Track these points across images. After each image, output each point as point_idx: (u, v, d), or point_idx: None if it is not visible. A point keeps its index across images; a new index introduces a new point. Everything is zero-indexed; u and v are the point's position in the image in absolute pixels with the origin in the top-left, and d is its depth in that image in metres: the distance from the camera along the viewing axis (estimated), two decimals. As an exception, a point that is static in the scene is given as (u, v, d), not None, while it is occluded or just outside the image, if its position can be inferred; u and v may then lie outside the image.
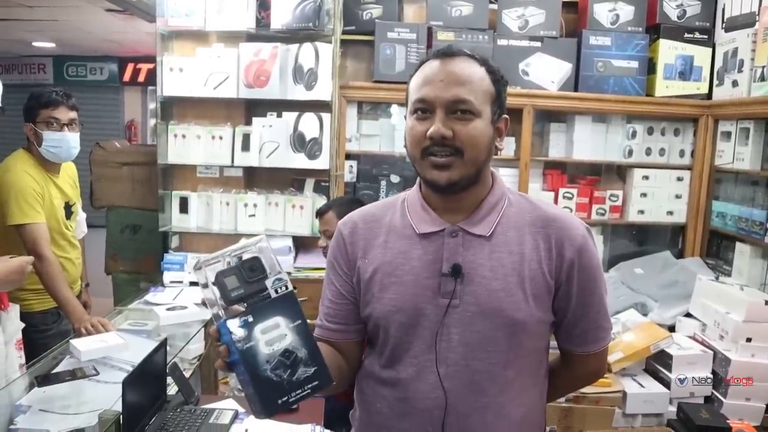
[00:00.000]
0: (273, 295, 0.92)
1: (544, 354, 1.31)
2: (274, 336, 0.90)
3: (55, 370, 2.04)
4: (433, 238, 1.23)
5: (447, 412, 1.19)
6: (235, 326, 0.88)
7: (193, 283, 3.06)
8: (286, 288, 0.94)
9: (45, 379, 1.90)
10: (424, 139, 1.17)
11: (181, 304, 2.70)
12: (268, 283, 0.92)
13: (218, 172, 3.37)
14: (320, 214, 2.48)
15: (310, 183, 3.32)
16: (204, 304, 1.00)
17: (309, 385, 0.91)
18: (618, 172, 3.67)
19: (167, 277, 3.09)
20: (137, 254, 3.89)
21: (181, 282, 3.07)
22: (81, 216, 2.78)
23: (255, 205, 3.24)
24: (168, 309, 2.63)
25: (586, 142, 3.49)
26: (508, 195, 1.27)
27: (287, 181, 3.42)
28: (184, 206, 3.29)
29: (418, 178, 1.27)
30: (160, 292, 2.96)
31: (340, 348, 1.29)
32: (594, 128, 3.49)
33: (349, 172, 3.43)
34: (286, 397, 0.89)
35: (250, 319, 0.89)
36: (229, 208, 3.27)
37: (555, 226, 1.23)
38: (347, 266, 1.28)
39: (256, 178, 3.46)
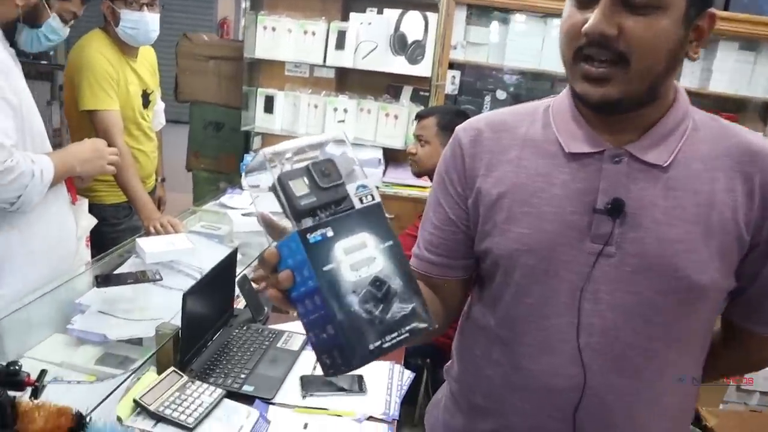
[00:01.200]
0: (357, 205, 0.66)
1: (710, 331, 0.97)
2: (360, 258, 0.64)
3: (118, 271, 1.88)
4: (586, 162, 0.89)
5: (584, 395, 0.89)
6: (308, 242, 0.62)
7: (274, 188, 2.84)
8: (372, 197, 0.67)
9: (105, 279, 1.73)
10: (579, 36, 0.82)
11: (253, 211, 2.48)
12: (350, 189, 0.66)
13: (308, 71, 3.08)
14: (420, 117, 2.27)
15: (407, 91, 2.98)
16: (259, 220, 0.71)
17: (406, 327, 0.65)
18: (762, 112, 3.10)
19: (246, 180, 2.87)
20: (219, 152, 3.73)
21: (258, 186, 2.85)
22: (159, 106, 2.57)
23: (345, 111, 2.95)
24: (243, 214, 2.42)
25: (727, 73, 2.96)
26: (692, 115, 0.91)
27: (382, 86, 3.08)
28: (269, 105, 3.04)
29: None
30: (237, 194, 2.76)
31: (439, 287, 1.01)
32: (740, 57, 2.94)
33: (452, 83, 3.05)
34: (379, 341, 0.63)
35: (330, 234, 0.63)
36: (317, 111, 2.99)
37: (761, 161, 0.86)
38: (462, 185, 0.97)
39: (349, 81, 3.14)
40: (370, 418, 1.44)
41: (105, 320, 1.64)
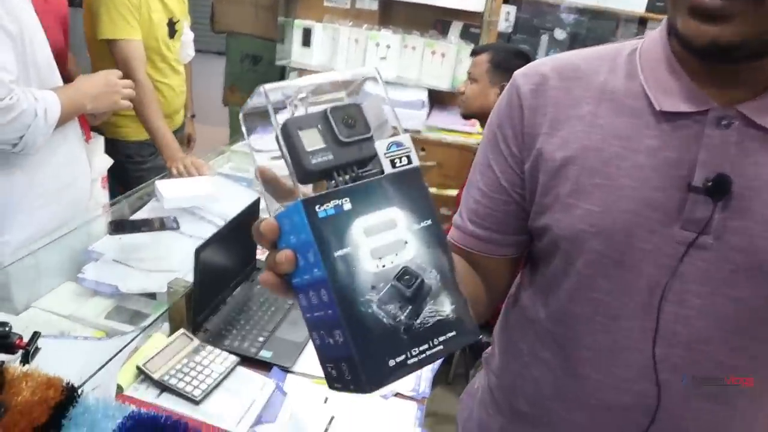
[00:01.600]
0: (388, 169, 0.48)
1: None
2: (386, 242, 0.46)
3: (135, 216, 1.75)
4: (682, 124, 0.70)
5: (656, 420, 0.72)
6: (317, 217, 0.45)
7: (309, 130, 2.67)
8: (408, 160, 0.49)
9: (118, 225, 1.61)
10: None
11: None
12: (380, 147, 0.48)
13: (349, 2, 2.85)
14: (474, 53, 2.11)
15: (456, 27, 2.72)
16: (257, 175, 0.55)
17: (441, 338, 0.47)
18: None
19: (279, 118, 2.70)
20: (255, 87, 3.56)
21: (258, 133, 2.67)
22: (188, 36, 2.39)
23: (388, 46, 2.72)
24: (272, 158, 2.25)
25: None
26: None
27: (429, 21, 2.82)
28: (306, 38, 2.83)
29: (665, 19, 0.71)
30: (269, 134, 2.59)
31: (482, 265, 0.83)
32: None
33: (506, 19, 2.77)
34: (403, 356, 0.45)
35: (347, 206, 0.46)
36: (358, 47, 2.77)
37: None
38: (519, 144, 0.78)
39: (393, 14, 2.89)
40: (397, 394, 1.31)
41: (119, 270, 1.53)
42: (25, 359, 1.08)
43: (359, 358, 0.44)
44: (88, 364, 1.18)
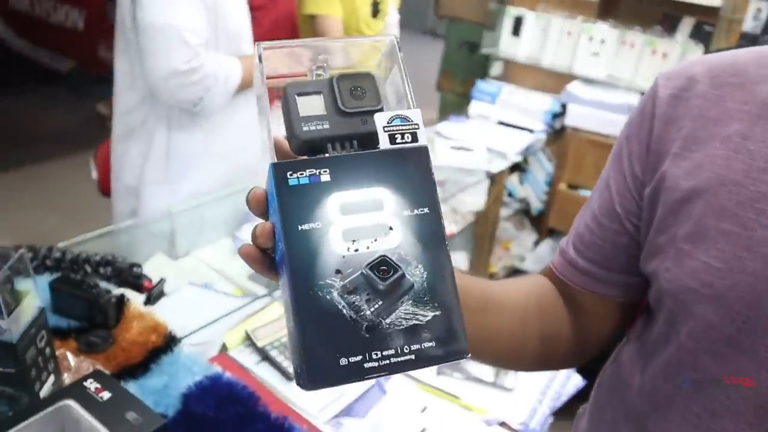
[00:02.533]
0: (384, 144, 0.42)
1: None
2: (365, 224, 0.40)
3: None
4: None
5: None
6: (286, 184, 0.40)
7: (503, 123, 2.55)
8: (413, 138, 0.42)
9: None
10: None
11: (468, 145, 2.22)
12: (379, 119, 0.42)
13: (569, -10, 2.62)
14: None
15: (687, 24, 2.37)
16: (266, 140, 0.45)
17: (413, 346, 0.40)
18: None
19: (473, 108, 2.62)
20: (469, 75, 3.50)
21: (487, 118, 2.57)
22: (393, 18, 2.40)
23: (602, 41, 2.46)
24: (453, 147, 2.19)
25: None
26: None
27: (656, 16, 2.50)
28: (516, 27, 2.69)
29: None
30: (460, 123, 2.52)
31: (579, 301, 0.69)
32: None
33: (754, 18, 2.34)
34: (359, 357, 0.39)
35: (325, 177, 0.41)
36: (569, 39, 2.55)
37: None
38: (642, 163, 0.62)
39: (615, 6, 2.61)
40: (503, 424, 1.17)
41: (271, 234, 1.59)
42: (148, 300, 1.16)
43: (303, 349, 0.38)
44: (210, 317, 1.24)
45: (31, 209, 3.34)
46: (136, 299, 1.14)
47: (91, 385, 0.82)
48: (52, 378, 0.88)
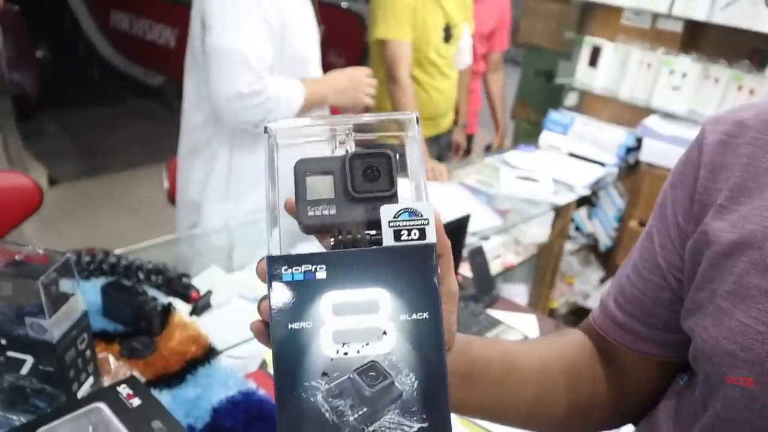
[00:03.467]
0: (388, 241, 0.40)
1: None
2: (358, 327, 0.39)
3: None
4: None
5: None
6: (280, 279, 0.40)
7: (574, 155, 2.47)
8: (420, 235, 0.40)
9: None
10: None
11: (534, 175, 2.17)
12: (385, 213, 0.40)
13: (649, 21, 2.53)
14: None
15: (779, 59, 2.23)
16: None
17: None
18: None
19: (544, 138, 2.56)
20: (545, 104, 3.44)
21: (558, 149, 2.51)
22: (465, 42, 2.38)
23: (684, 75, 2.36)
24: (519, 177, 2.14)
25: None
26: None
27: (745, 50, 2.37)
28: (594, 57, 2.62)
29: None
30: (529, 152, 2.47)
31: (618, 358, 0.64)
32: None
33: None
34: None
35: (321, 275, 0.39)
36: (649, 72, 2.46)
37: None
38: (686, 213, 0.58)
39: (700, 39, 2.50)
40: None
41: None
42: (193, 311, 1.19)
43: None
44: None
45: (110, 214, 3.53)
46: (182, 309, 1.17)
47: (124, 390, 0.83)
48: (91, 380, 0.90)
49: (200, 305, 1.18)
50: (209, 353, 1.05)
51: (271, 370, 1.17)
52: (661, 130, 2.39)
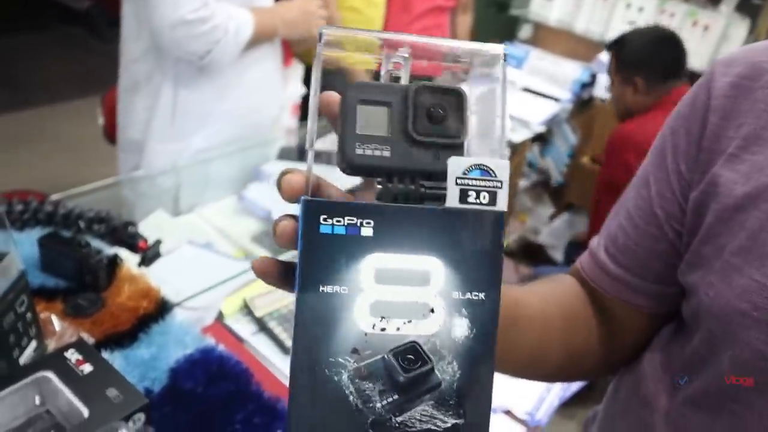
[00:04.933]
0: (452, 201, 0.33)
1: None
2: (401, 299, 0.33)
3: (322, 147, 1.73)
4: None
5: None
6: (316, 231, 0.33)
7: (528, 90, 2.43)
8: (491, 199, 0.33)
9: (286, 152, 1.60)
10: None
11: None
12: (453, 166, 0.33)
13: (610, -51, 2.47)
14: (608, 47, 1.94)
15: (735, -6, 2.22)
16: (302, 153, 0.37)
17: None
18: None
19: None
20: (496, 37, 3.37)
21: (512, 83, 2.46)
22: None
23: (640, 9, 2.34)
24: (472, 113, 2.09)
25: None
26: None
27: (701, -16, 2.35)
28: (550, -11, 2.55)
29: None
30: (482, 89, 2.41)
31: (608, 308, 0.62)
32: None
33: (807, -8, 2.19)
34: None
35: (366, 232, 0.33)
36: (605, 5, 2.43)
37: None
38: (690, 160, 0.54)
39: (658, -28, 2.45)
40: (507, 412, 1.12)
41: (278, 195, 1.52)
42: (142, 262, 1.11)
43: (292, 428, 0.32)
44: (207, 281, 1.19)
45: (39, 152, 3.30)
46: (129, 260, 1.08)
47: (72, 356, 0.76)
48: (33, 344, 0.82)
49: (149, 255, 1.10)
50: (162, 308, 0.98)
51: (228, 322, 1.11)
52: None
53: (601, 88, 2.39)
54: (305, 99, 1.87)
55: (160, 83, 1.46)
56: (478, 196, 0.33)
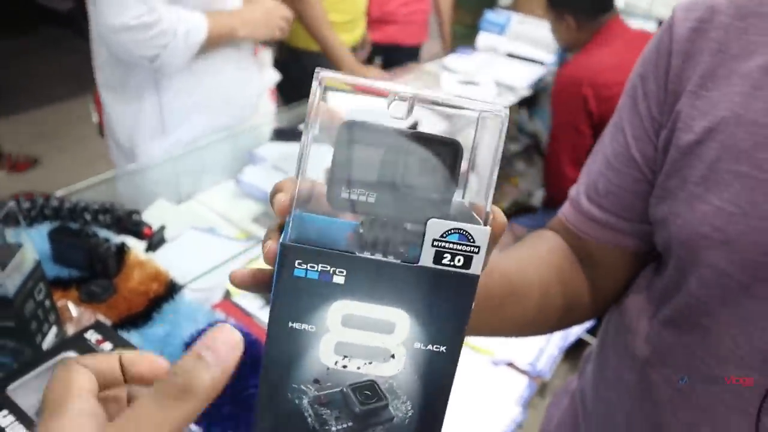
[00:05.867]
0: (426, 260, 0.33)
1: None
2: (365, 344, 0.35)
3: (301, 126, 1.77)
4: None
5: None
6: (290, 273, 0.33)
7: (512, 56, 2.46)
8: (465, 263, 0.33)
9: (281, 133, 1.63)
10: None
11: (475, 79, 2.15)
12: (432, 228, 0.33)
13: None
14: None
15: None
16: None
17: None
18: None
19: (482, 39, 2.53)
20: (479, 5, 3.37)
21: (496, 50, 2.49)
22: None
23: (618, -34, 2.34)
24: (460, 81, 2.12)
25: None
26: None
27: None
28: (527, -48, 2.56)
29: None
30: (467, 56, 2.44)
31: (592, 255, 0.66)
32: None
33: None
34: None
35: (338, 279, 0.34)
36: (583, -35, 2.42)
37: None
38: (659, 102, 0.58)
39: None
40: (510, 364, 1.17)
41: (275, 177, 1.56)
42: (149, 248, 1.15)
43: None
44: (212, 262, 1.23)
45: (35, 153, 3.33)
46: (136, 247, 1.13)
47: (92, 336, 0.81)
48: (54, 330, 0.87)
49: (155, 241, 1.15)
50: (172, 289, 1.02)
51: (236, 299, 1.16)
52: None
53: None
54: (279, 83, 1.88)
55: (141, 87, 1.47)
56: (452, 259, 0.33)
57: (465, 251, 0.33)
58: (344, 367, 0.34)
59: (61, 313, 0.92)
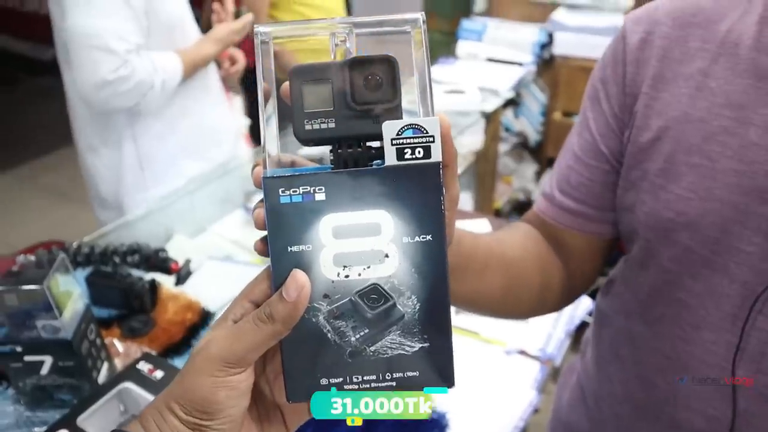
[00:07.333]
0: (390, 160, 0.38)
1: None
2: (359, 250, 0.39)
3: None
4: None
5: None
6: (277, 202, 0.38)
7: (492, 60, 2.55)
8: (425, 153, 0.38)
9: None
10: None
11: (460, 87, 2.25)
12: (387, 129, 0.38)
13: None
14: None
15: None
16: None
17: (396, 374, 0.40)
18: None
19: (461, 47, 2.62)
20: (455, 13, 3.46)
21: (476, 56, 2.58)
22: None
23: (582, -35, 2.44)
24: (446, 91, 2.21)
25: None
26: None
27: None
28: (495, -41, 2.66)
29: None
30: (449, 65, 2.54)
31: (566, 243, 0.73)
32: None
33: None
34: (340, 379, 0.40)
35: (319, 197, 0.38)
36: (549, -33, 2.53)
37: None
38: (621, 103, 0.67)
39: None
40: (522, 352, 1.26)
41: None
42: (178, 281, 1.24)
43: (286, 366, 0.40)
44: (235, 288, 1.31)
45: (36, 206, 3.40)
46: (166, 282, 1.21)
47: (144, 366, 0.90)
48: (106, 365, 0.96)
49: (182, 274, 1.23)
50: (205, 316, 1.11)
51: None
52: (569, 22, 2.50)
53: (560, 46, 2.52)
54: (252, 128, 1.94)
55: (118, 141, 1.53)
56: (413, 152, 0.37)
57: (422, 143, 0.37)
58: (347, 276, 0.38)
59: (108, 349, 1.00)
